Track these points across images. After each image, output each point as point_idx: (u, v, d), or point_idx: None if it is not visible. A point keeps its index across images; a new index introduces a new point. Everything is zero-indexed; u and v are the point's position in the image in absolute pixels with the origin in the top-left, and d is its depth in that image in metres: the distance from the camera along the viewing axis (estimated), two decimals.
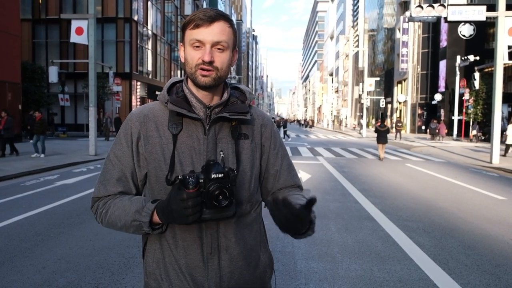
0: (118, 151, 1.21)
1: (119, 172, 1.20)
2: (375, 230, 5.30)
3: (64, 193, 7.57)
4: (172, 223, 1.12)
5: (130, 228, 1.15)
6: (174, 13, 40.33)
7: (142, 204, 1.12)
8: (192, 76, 1.16)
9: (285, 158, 1.33)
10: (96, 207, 1.23)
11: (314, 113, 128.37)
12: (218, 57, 1.13)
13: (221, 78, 1.16)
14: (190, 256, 1.16)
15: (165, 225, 1.15)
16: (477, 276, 3.80)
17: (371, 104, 52.00)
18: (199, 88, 1.18)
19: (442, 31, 35.08)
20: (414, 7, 15.11)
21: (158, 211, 1.10)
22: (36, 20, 29.63)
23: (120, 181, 1.20)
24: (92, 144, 14.17)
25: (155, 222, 1.12)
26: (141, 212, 1.11)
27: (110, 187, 1.21)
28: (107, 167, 1.23)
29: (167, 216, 1.07)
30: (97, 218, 1.23)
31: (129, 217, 1.13)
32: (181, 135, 1.17)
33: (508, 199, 7.73)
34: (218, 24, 1.12)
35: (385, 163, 13.69)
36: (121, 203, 1.17)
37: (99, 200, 1.23)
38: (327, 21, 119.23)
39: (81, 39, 14.12)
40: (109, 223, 1.19)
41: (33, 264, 3.93)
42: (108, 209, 1.18)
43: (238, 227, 1.19)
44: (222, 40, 1.12)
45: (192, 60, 1.14)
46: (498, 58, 13.54)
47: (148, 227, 1.11)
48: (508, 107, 27.97)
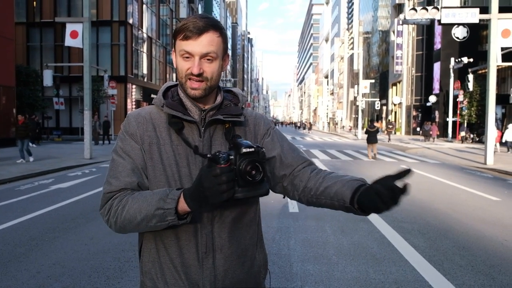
0: (126, 146, 1.19)
1: (132, 164, 1.17)
2: (371, 232, 5.32)
3: (59, 197, 7.53)
4: (202, 207, 1.06)
5: (153, 220, 1.08)
6: (169, 16, 40.34)
7: (167, 192, 1.09)
8: (183, 86, 1.19)
9: (285, 140, 1.33)
10: (110, 205, 1.14)
11: (309, 115, 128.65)
12: (207, 67, 1.15)
13: (211, 87, 1.19)
14: (185, 255, 1.17)
15: (191, 214, 1.10)
16: (472, 277, 3.82)
17: (366, 106, 52.19)
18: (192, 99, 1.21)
19: (436, 34, 35.35)
20: (408, 9, 15.20)
21: (186, 196, 1.06)
22: (30, 23, 29.52)
23: (134, 172, 1.16)
24: (87, 147, 14.11)
25: (181, 211, 1.07)
26: (165, 199, 1.07)
27: (124, 178, 1.15)
28: (116, 162, 1.18)
29: (198, 198, 1.03)
30: (110, 218, 1.14)
31: (151, 207, 1.08)
32: (179, 137, 1.20)
33: (503, 200, 7.78)
34: (207, 36, 1.14)
35: (380, 165, 13.74)
36: (141, 196, 1.12)
37: (114, 197, 1.15)
38: (322, 24, 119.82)
39: (76, 42, 14.08)
40: (125, 219, 1.12)
41: (27, 269, 3.91)
42: (126, 204, 1.12)
43: (233, 227, 1.21)
44: (210, 51, 1.14)
45: (182, 70, 1.17)
46: (491, 60, 13.65)
47: (174, 215, 1.06)
48: (502, 109, 28.20)
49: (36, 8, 29.62)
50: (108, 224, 1.17)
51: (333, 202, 1.17)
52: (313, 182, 1.23)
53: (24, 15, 29.35)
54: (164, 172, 1.18)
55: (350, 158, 16.31)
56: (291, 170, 1.27)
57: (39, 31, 29.61)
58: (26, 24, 29.33)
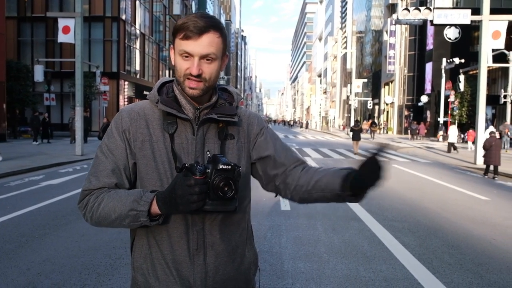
0: (111, 144, 1.21)
1: (113, 164, 1.20)
2: (362, 230, 5.36)
3: (49, 193, 7.47)
4: (172, 212, 1.10)
5: (126, 219, 1.13)
6: (163, 12, 40.09)
7: (141, 194, 1.12)
8: (181, 84, 1.19)
9: (277, 140, 1.34)
10: (87, 201, 1.19)
11: (302, 114, 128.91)
12: (206, 68, 1.15)
13: (209, 87, 1.19)
14: (177, 252, 1.19)
15: (162, 217, 1.14)
16: (460, 275, 3.87)
17: (359, 105, 52.44)
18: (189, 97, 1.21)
19: (428, 34, 35.59)
20: (401, 10, 15.30)
21: (159, 200, 1.09)
22: (21, 18, 29.13)
23: (114, 173, 1.19)
24: (79, 144, 14.01)
25: (153, 213, 1.12)
26: (139, 201, 1.10)
27: (103, 178, 1.19)
28: (99, 159, 1.21)
29: (169, 204, 1.06)
30: (87, 213, 1.19)
31: (125, 207, 1.12)
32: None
33: (492, 200, 7.88)
34: (207, 36, 1.13)
35: None
36: (116, 195, 1.16)
37: (91, 194, 1.19)
38: (316, 23, 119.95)
39: (68, 38, 13.97)
40: (100, 216, 1.16)
41: (17, 266, 3.88)
42: (101, 202, 1.16)
43: (224, 224, 1.22)
44: (210, 53, 1.14)
45: (180, 69, 1.16)
46: (482, 61, 13.81)
47: (146, 217, 1.10)
48: (492, 109, 28.52)
49: (27, 2, 29.25)
50: (84, 218, 1.22)
51: (324, 193, 1.20)
52: (304, 179, 1.25)
53: (15, 9, 28.96)
54: (156, 169, 1.19)
55: (342, 156, 16.39)
56: (284, 169, 1.29)
57: (31, 25, 29.25)
58: (17, 19, 28.94)
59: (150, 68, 37.26)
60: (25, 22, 29.21)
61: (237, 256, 1.26)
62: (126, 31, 30.13)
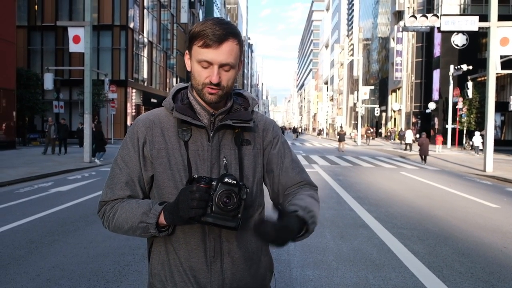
0: (125, 155, 1.23)
1: (126, 176, 1.22)
2: (370, 238, 5.32)
3: (58, 200, 7.52)
4: (175, 221, 1.11)
5: (137, 231, 1.17)
6: (170, 21, 40.48)
7: (150, 206, 1.15)
8: (199, 92, 1.19)
9: (287, 157, 1.34)
10: (104, 211, 1.24)
11: (309, 121, 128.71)
12: (224, 76, 1.16)
13: (226, 94, 1.20)
14: (194, 259, 1.19)
15: (171, 227, 1.17)
16: (471, 284, 3.82)
17: (366, 113, 52.29)
18: (206, 103, 1.22)
19: (435, 41, 35.51)
20: (408, 17, 15.30)
21: (165, 210, 1.12)
22: (31, 27, 29.62)
23: (128, 185, 1.22)
24: (87, 151, 14.11)
25: (162, 224, 1.14)
26: (148, 214, 1.14)
27: (118, 191, 1.22)
28: (114, 171, 1.24)
29: (172, 210, 1.09)
30: (104, 222, 1.25)
31: (136, 219, 1.15)
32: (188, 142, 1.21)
33: (502, 207, 7.79)
34: (227, 45, 1.14)
35: (380, 171, 13.75)
36: (128, 206, 1.19)
37: (107, 204, 1.24)
38: (322, 30, 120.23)
39: (79, 47, 14.15)
40: (116, 226, 1.20)
41: (27, 272, 3.90)
42: (116, 212, 1.20)
43: (240, 231, 1.22)
44: (229, 62, 1.15)
45: (199, 77, 1.17)
46: (490, 68, 13.72)
47: (155, 229, 1.13)
48: (501, 116, 28.29)
49: (37, 11, 29.75)
50: (104, 226, 1.27)
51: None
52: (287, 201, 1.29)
53: (26, 18, 29.46)
54: (172, 177, 1.20)
55: (349, 164, 16.31)
56: (283, 190, 1.33)
57: (40, 34, 29.71)
58: (27, 28, 29.44)
59: (158, 76, 37.55)
60: (35, 31, 29.70)
61: (254, 262, 1.26)
62: (134, 40, 30.46)
